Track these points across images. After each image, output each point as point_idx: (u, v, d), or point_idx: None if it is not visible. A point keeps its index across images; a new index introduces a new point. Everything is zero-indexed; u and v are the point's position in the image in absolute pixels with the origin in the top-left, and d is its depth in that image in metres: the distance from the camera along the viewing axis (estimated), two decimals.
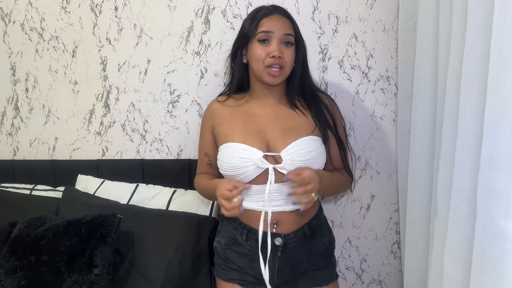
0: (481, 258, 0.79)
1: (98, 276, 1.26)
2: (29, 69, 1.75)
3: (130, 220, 1.42)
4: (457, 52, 0.89)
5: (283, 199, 1.15)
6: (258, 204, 1.16)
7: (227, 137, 1.19)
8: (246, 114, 1.22)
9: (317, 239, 1.22)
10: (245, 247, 1.19)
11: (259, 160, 1.12)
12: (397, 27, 1.43)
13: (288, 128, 1.18)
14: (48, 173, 1.75)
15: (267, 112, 1.22)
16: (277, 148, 1.15)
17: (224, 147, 1.18)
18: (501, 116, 0.72)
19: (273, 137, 1.17)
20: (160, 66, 1.64)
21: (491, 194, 0.76)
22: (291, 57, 1.16)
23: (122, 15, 1.63)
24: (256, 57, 1.15)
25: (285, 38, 1.15)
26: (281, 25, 1.15)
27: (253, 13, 1.19)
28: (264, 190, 1.14)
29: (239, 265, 1.21)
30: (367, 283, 1.67)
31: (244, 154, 1.14)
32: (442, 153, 0.98)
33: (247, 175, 1.14)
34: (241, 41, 1.20)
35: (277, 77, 1.15)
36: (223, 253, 1.24)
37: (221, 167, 1.19)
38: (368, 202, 1.61)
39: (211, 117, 1.28)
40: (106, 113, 1.72)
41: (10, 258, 1.29)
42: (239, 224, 1.20)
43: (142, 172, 1.68)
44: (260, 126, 1.19)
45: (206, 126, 1.29)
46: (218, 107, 1.28)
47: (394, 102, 1.52)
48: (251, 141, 1.16)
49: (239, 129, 1.19)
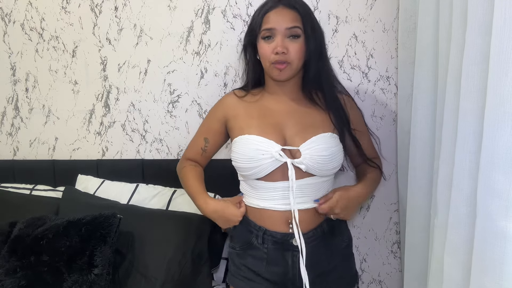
0: (481, 258, 0.79)
1: (98, 276, 1.26)
2: (29, 69, 1.75)
3: (130, 220, 1.41)
4: (457, 52, 0.89)
5: (301, 196, 1.11)
6: (274, 203, 1.12)
7: (243, 130, 1.14)
8: (262, 109, 1.18)
9: (337, 237, 1.18)
10: (261, 250, 1.14)
11: (276, 153, 1.07)
12: (397, 27, 1.43)
13: (306, 124, 1.13)
14: (48, 173, 1.75)
15: (284, 108, 1.17)
16: (295, 143, 1.10)
17: (240, 139, 1.13)
18: (501, 116, 0.72)
19: (290, 132, 1.12)
20: (160, 66, 1.64)
21: (491, 194, 0.76)
22: (297, 50, 1.09)
23: (122, 15, 1.63)
24: (263, 55, 1.12)
25: (289, 32, 1.09)
26: (284, 19, 1.09)
27: (261, 6, 1.15)
28: (278, 188, 1.10)
29: (255, 270, 1.15)
30: (367, 283, 1.67)
31: (261, 146, 1.09)
32: (442, 153, 0.98)
33: (263, 168, 1.08)
34: (249, 35, 1.17)
35: (283, 71, 1.10)
36: (239, 259, 1.18)
37: (236, 159, 1.13)
38: (368, 202, 1.61)
39: (225, 109, 1.22)
40: (106, 113, 1.72)
41: (10, 258, 1.29)
42: (253, 227, 1.15)
43: (142, 172, 1.68)
44: (277, 121, 1.15)
45: (216, 115, 1.24)
46: (235, 101, 1.22)
47: (394, 102, 1.52)
48: (268, 134, 1.11)
49: (256, 123, 1.15)
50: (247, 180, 1.16)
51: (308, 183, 1.11)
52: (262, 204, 1.13)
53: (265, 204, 1.13)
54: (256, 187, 1.14)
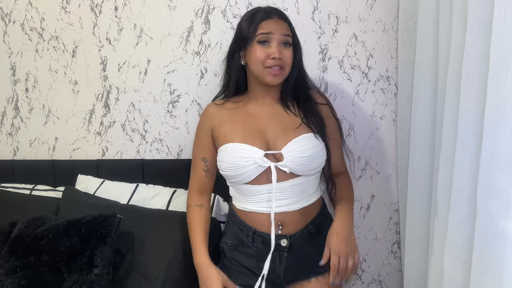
0: (481, 258, 0.79)
1: (98, 276, 1.26)
2: (29, 69, 1.75)
3: (130, 220, 1.41)
4: (457, 52, 0.89)
5: (286, 198, 1.15)
6: (260, 206, 1.16)
7: (227, 138, 1.19)
8: (245, 115, 1.22)
9: (322, 236, 1.21)
10: (251, 248, 1.19)
11: (260, 159, 1.12)
12: (397, 27, 1.43)
13: (287, 126, 1.18)
14: (48, 173, 1.75)
15: (266, 112, 1.22)
16: (278, 146, 1.15)
17: (225, 148, 1.18)
18: (501, 116, 0.72)
19: (273, 136, 1.17)
20: (160, 66, 1.64)
21: (491, 194, 0.76)
22: (290, 57, 1.17)
23: (122, 15, 1.63)
24: (256, 58, 1.15)
25: (284, 39, 1.16)
26: (280, 26, 1.16)
27: (250, 16, 1.19)
28: (265, 190, 1.14)
29: (247, 266, 1.20)
30: (367, 283, 1.67)
31: (245, 153, 1.14)
32: (442, 153, 0.98)
33: (248, 174, 1.14)
34: (238, 43, 1.20)
35: (278, 76, 1.15)
36: (230, 254, 1.23)
37: (222, 168, 1.19)
38: (368, 202, 1.61)
39: (209, 120, 1.26)
40: (106, 113, 1.72)
41: (10, 258, 1.28)
42: (244, 226, 1.20)
43: (142, 172, 1.68)
44: (260, 126, 1.19)
45: (203, 129, 1.27)
46: (216, 110, 1.26)
47: (394, 102, 1.52)
48: (252, 140, 1.16)
49: (239, 129, 1.19)
50: (235, 185, 1.21)
51: (293, 184, 1.15)
52: (250, 207, 1.18)
53: (252, 207, 1.17)
54: (244, 191, 1.18)
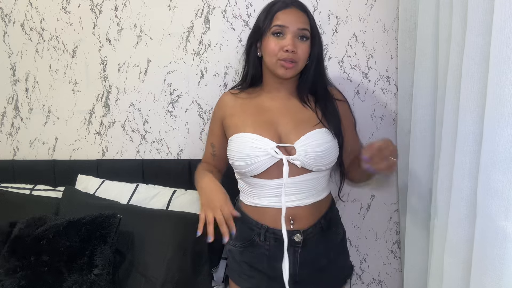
0: (481, 258, 0.79)
1: (98, 276, 1.27)
2: (29, 69, 1.75)
3: (130, 220, 1.41)
4: (457, 52, 0.89)
5: (297, 193, 1.12)
6: (271, 201, 1.13)
7: (238, 128, 1.16)
8: (258, 106, 1.20)
9: (333, 231, 1.20)
10: (262, 247, 1.15)
11: (272, 150, 1.09)
12: (397, 27, 1.43)
13: (300, 121, 1.15)
14: (48, 173, 1.75)
15: (279, 105, 1.19)
16: (290, 140, 1.12)
17: (235, 137, 1.15)
18: (501, 116, 0.72)
19: (285, 129, 1.14)
20: (160, 66, 1.64)
21: (491, 194, 0.76)
22: (305, 52, 1.13)
23: (122, 15, 1.63)
24: (269, 50, 1.12)
25: (299, 33, 1.12)
26: (297, 19, 1.12)
27: (268, 6, 1.16)
28: (275, 185, 1.11)
29: (256, 267, 1.17)
30: (367, 283, 1.67)
31: (256, 144, 1.10)
32: (442, 153, 0.98)
33: (259, 165, 1.10)
34: (255, 34, 1.18)
35: (290, 69, 1.12)
36: (240, 256, 1.19)
37: (232, 158, 1.15)
38: (368, 202, 1.61)
39: (222, 109, 1.25)
40: (106, 113, 1.72)
41: (10, 258, 1.29)
42: (255, 225, 1.16)
43: (142, 172, 1.68)
44: (272, 119, 1.16)
45: (216, 117, 1.27)
46: (230, 99, 1.25)
47: (394, 102, 1.52)
48: (263, 132, 1.13)
49: (251, 120, 1.17)
50: (244, 178, 1.18)
51: (305, 179, 1.12)
52: (261, 202, 1.15)
53: (264, 202, 1.14)
54: (254, 185, 1.15)
